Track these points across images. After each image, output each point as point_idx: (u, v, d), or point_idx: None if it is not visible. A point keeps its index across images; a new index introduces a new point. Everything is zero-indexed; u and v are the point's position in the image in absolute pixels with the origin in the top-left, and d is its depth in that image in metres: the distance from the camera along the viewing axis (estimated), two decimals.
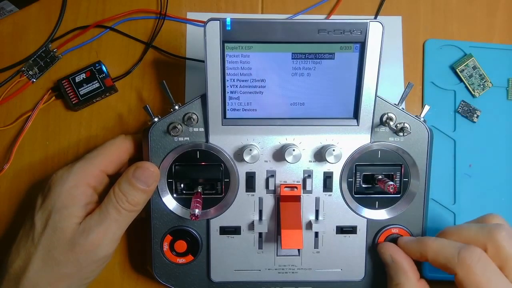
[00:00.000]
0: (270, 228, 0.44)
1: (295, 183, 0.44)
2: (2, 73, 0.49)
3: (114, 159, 0.43)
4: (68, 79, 0.48)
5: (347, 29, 0.39)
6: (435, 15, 0.52)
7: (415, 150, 0.44)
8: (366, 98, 0.42)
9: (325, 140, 0.44)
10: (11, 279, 0.39)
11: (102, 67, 0.49)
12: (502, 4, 0.53)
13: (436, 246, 0.39)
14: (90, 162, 0.42)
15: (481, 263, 0.36)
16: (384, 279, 0.45)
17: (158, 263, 0.45)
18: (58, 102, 0.50)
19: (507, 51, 0.52)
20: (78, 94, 0.48)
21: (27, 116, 0.49)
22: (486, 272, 0.36)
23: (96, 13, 0.51)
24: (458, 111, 0.51)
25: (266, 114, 0.43)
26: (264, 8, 0.52)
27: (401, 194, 0.45)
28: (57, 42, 0.50)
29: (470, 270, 0.36)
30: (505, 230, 0.37)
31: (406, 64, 0.51)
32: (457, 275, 0.37)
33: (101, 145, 0.44)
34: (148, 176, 0.41)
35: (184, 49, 0.51)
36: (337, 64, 0.41)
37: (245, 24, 0.39)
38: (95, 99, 0.49)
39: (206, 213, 0.44)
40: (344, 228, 0.45)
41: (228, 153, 0.43)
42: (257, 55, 0.40)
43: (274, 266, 0.45)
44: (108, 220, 0.40)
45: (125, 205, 0.40)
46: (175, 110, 0.43)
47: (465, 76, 0.51)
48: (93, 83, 0.48)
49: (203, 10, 0.51)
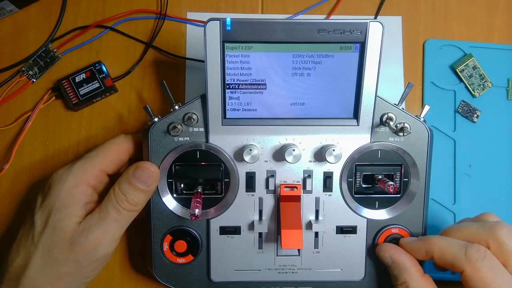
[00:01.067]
0: (270, 228, 0.44)
1: (295, 183, 0.44)
2: (2, 73, 0.49)
3: (114, 158, 0.43)
4: (68, 79, 0.48)
5: (347, 29, 0.39)
6: (435, 15, 0.52)
7: (415, 150, 0.44)
8: (366, 98, 0.42)
9: (325, 140, 0.44)
10: (11, 278, 0.39)
11: (102, 67, 0.49)
12: (502, 4, 0.53)
13: (443, 244, 0.39)
14: (90, 161, 0.42)
15: (487, 260, 0.37)
16: (384, 279, 0.45)
17: (158, 263, 0.45)
18: (58, 102, 0.50)
19: (507, 51, 0.52)
20: (78, 94, 0.48)
21: (27, 116, 0.49)
22: (492, 269, 0.37)
23: (96, 13, 0.51)
24: (458, 111, 0.51)
25: (266, 114, 0.43)
26: (264, 8, 0.52)
27: (401, 194, 0.45)
28: (57, 42, 0.50)
29: (477, 267, 0.37)
30: (505, 227, 0.38)
31: (406, 64, 0.51)
32: (464, 272, 0.37)
33: (101, 144, 0.44)
34: (148, 176, 0.41)
35: (184, 49, 0.51)
36: (337, 64, 0.41)
37: (245, 24, 0.39)
38: (95, 99, 0.49)
39: (206, 213, 0.44)
40: (344, 228, 0.45)
41: (228, 153, 0.43)
42: (257, 55, 0.40)
43: (274, 266, 0.45)
44: (108, 220, 0.40)
45: (125, 205, 0.40)
46: (175, 110, 0.43)
47: (465, 76, 0.51)
48: (93, 83, 0.49)
49: (203, 10, 0.51)
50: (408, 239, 0.44)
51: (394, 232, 0.45)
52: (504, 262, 0.37)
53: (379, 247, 0.44)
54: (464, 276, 0.37)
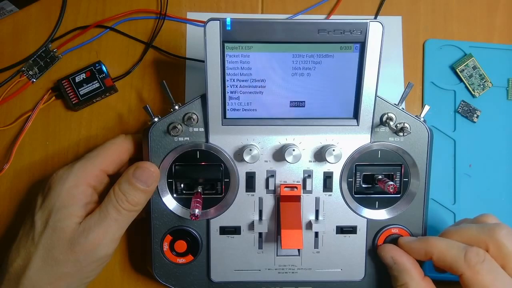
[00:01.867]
0: (270, 228, 0.44)
1: (295, 183, 0.44)
2: (2, 73, 0.49)
3: (114, 158, 0.43)
4: (68, 79, 0.48)
5: (347, 29, 0.39)
6: (435, 15, 0.52)
7: (415, 150, 0.44)
8: (366, 98, 0.42)
9: (325, 140, 0.44)
10: (12, 279, 0.39)
11: (102, 67, 0.49)
12: (502, 4, 0.53)
13: (442, 247, 0.39)
14: (90, 161, 0.42)
15: (486, 264, 0.37)
16: (384, 279, 0.45)
17: (158, 263, 0.45)
18: (58, 102, 0.50)
19: (507, 51, 0.52)
20: (78, 94, 0.48)
21: (27, 116, 0.49)
22: (491, 272, 0.37)
23: (96, 13, 0.51)
24: (458, 111, 0.51)
25: (266, 114, 0.43)
26: (264, 8, 0.52)
27: (401, 194, 0.45)
28: (57, 42, 0.50)
29: (476, 270, 0.37)
30: (505, 229, 0.38)
31: (406, 64, 0.51)
32: (463, 275, 0.37)
33: (101, 145, 0.44)
34: (148, 176, 0.41)
35: (184, 49, 0.51)
36: (337, 64, 0.41)
37: (245, 24, 0.39)
38: (95, 99, 0.49)
39: (206, 213, 0.44)
40: (344, 228, 0.45)
41: (228, 153, 0.43)
42: (257, 55, 0.40)
43: (274, 266, 0.45)
44: (108, 220, 0.40)
45: (125, 205, 0.40)
46: (175, 110, 0.43)
47: (465, 76, 0.51)
48: (93, 83, 0.48)
49: (203, 10, 0.51)
50: (407, 238, 0.44)
51: (394, 232, 0.45)
52: (503, 264, 0.37)
53: (380, 248, 0.44)
54: (463, 279, 0.37)
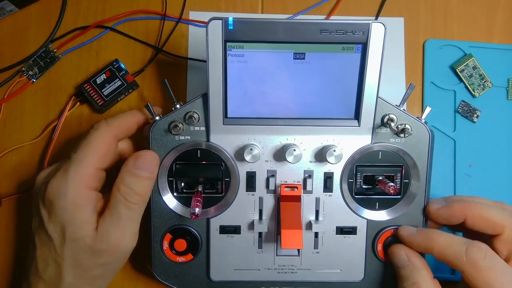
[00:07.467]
0: (270, 228, 0.44)
1: (295, 183, 0.44)
2: (2, 73, 0.49)
3: (105, 152, 0.41)
4: (89, 82, 0.48)
5: (349, 29, 0.39)
6: (435, 15, 0.52)
7: (416, 152, 0.44)
8: (368, 99, 0.42)
9: (326, 141, 0.44)
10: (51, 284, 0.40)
11: (120, 64, 0.49)
12: (502, 4, 0.53)
13: (442, 243, 0.39)
14: (83, 164, 0.40)
15: (487, 260, 0.37)
16: (383, 280, 0.45)
17: (157, 261, 0.45)
18: (84, 107, 0.50)
19: (507, 51, 0.52)
20: (102, 95, 0.48)
21: (54, 125, 0.49)
22: (493, 268, 0.37)
23: (96, 13, 0.50)
24: (458, 111, 0.51)
25: (267, 113, 0.43)
26: (264, 8, 0.52)
27: (402, 195, 0.45)
28: (57, 42, 0.50)
29: (478, 267, 0.37)
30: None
31: (406, 64, 0.51)
32: (465, 272, 0.37)
33: (86, 140, 0.41)
34: (150, 163, 0.41)
35: (185, 49, 0.51)
36: (339, 65, 0.41)
37: (247, 24, 0.39)
38: (120, 97, 0.49)
39: (206, 212, 0.44)
40: (344, 229, 0.45)
41: (229, 152, 0.43)
42: (259, 55, 0.40)
43: (273, 266, 0.45)
44: (122, 221, 0.40)
45: (134, 199, 0.40)
46: (177, 109, 0.43)
47: (465, 76, 0.51)
48: (115, 81, 0.49)
49: (203, 10, 0.51)
50: (407, 230, 0.43)
51: (394, 233, 0.45)
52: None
53: (394, 246, 0.44)
54: (465, 276, 0.38)
